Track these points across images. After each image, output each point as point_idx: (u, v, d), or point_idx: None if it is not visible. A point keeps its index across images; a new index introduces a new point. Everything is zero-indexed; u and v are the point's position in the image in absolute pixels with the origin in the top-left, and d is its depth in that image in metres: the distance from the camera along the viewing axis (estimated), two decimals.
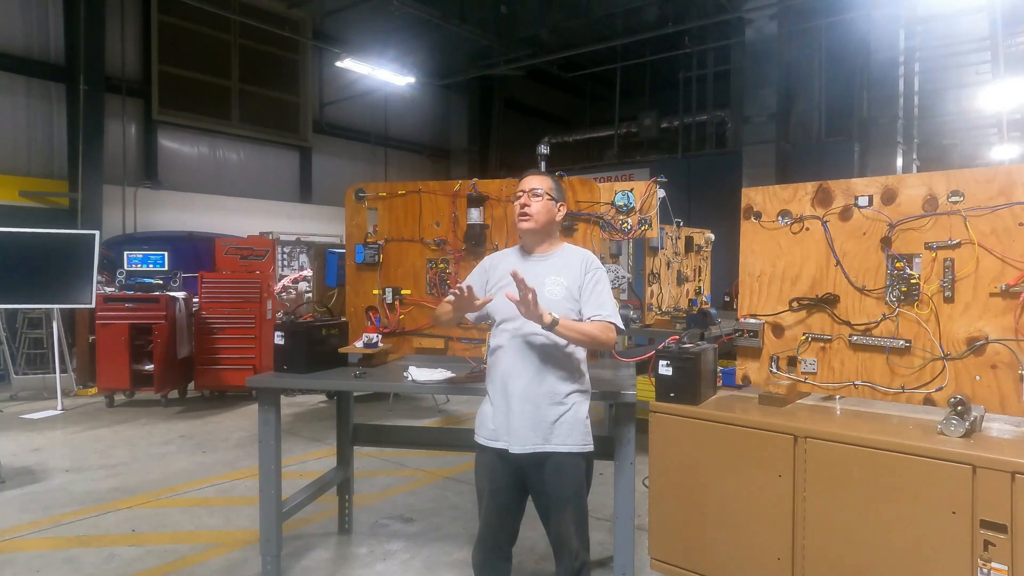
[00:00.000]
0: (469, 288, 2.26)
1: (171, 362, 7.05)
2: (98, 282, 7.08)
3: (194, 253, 9.08)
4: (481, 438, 2.37)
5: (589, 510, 2.39)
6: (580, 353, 2.36)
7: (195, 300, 7.35)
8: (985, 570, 1.93)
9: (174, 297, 7.12)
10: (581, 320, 2.31)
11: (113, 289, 7.21)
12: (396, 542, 3.66)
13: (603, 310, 2.31)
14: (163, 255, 7.45)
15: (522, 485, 2.34)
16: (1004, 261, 2.26)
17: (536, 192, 2.36)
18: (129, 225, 10.53)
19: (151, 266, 7.34)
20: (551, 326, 2.16)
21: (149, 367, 6.94)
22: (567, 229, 3.24)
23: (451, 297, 2.31)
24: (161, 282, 7.23)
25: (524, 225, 2.36)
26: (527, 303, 2.10)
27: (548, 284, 2.30)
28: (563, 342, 2.28)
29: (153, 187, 10.74)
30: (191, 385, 7.43)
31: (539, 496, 2.32)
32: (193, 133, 11.60)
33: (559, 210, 2.43)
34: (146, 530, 3.82)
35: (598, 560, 3.29)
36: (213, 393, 7.40)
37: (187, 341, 7.31)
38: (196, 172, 11.60)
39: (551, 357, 2.29)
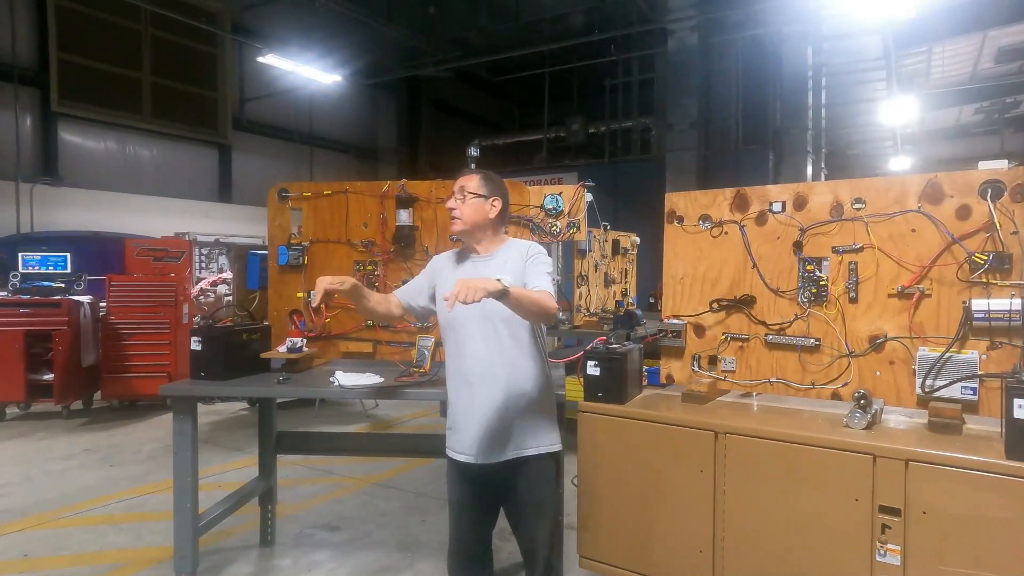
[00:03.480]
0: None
1: (74, 371, 6.57)
2: None
3: (101, 255, 8.48)
4: (448, 449, 2.29)
5: None
6: (542, 352, 2.31)
7: (102, 304, 6.88)
8: (882, 551, 2.07)
9: (78, 301, 6.64)
10: None
11: (6, 293, 6.65)
12: (322, 552, 3.56)
13: (539, 280, 2.20)
14: (65, 256, 6.93)
15: (491, 495, 2.27)
16: (900, 264, 2.44)
17: (463, 190, 2.29)
18: (25, 224, 9.75)
19: (51, 268, 6.81)
20: (503, 294, 1.97)
21: (48, 377, 6.44)
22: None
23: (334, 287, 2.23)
24: (63, 285, 6.72)
25: (453, 227, 2.32)
26: (469, 293, 1.89)
27: None
28: (526, 342, 2.22)
29: (53, 184, 10.00)
30: (97, 395, 6.95)
31: (512, 503, 2.26)
32: (99, 127, 10.89)
33: (492, 205, 2.30)
34: (41, 554, 3.53)
35: None
36: (123, 403, 6.96)
37: (93, 348, 6.82)
38: (103, 169, 10.89)
39: (514, 360, 2.22)
